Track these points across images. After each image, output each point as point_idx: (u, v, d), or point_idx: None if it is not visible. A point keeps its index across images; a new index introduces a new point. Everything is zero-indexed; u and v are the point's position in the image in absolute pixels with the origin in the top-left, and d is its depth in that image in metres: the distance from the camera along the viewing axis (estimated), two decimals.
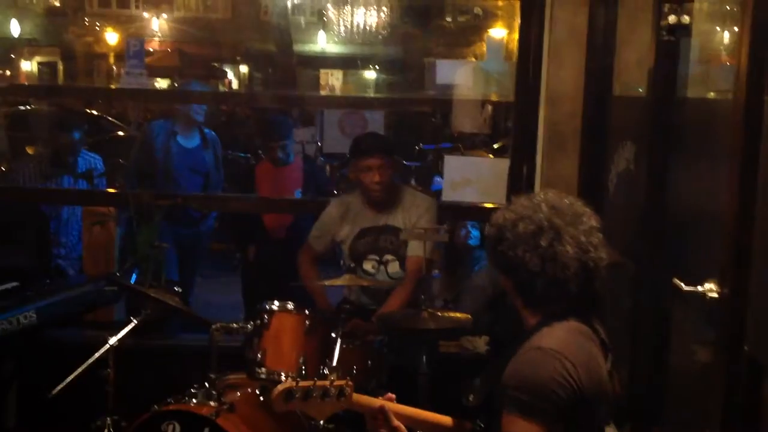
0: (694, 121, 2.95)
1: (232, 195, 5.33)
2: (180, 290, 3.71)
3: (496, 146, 7.15)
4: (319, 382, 2.06)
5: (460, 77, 4.43)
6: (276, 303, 3.24)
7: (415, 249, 3.84)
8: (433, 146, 9.25)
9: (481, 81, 4.43)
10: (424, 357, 3.34)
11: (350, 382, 2.12)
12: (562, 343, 2.02)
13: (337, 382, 2.08)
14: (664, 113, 3.00)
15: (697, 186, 2.81)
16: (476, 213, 4.49)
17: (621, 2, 3.52)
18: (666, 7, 2.72)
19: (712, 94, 3.10)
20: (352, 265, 3.91)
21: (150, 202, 4.40)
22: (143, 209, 4.67)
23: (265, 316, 3.21)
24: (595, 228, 2.11)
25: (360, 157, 3.89)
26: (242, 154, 8.32)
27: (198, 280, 5.73)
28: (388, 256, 3.92)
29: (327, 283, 3.62)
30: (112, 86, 6.47)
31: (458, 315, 3.50)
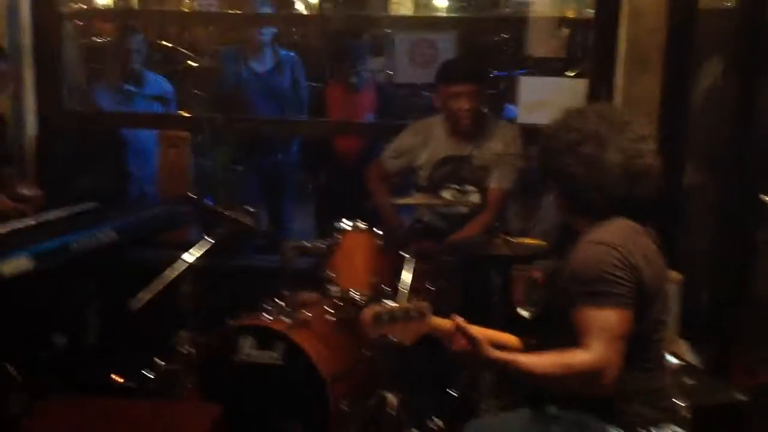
0: None
1: (304, 119, 5.27)
2: (254, 211, 3.71)
3: (571, 74, 6.90)
4: (402, 304, 2.09)
5: None
6: (348, 222, 3.23)
7: (498, 180, 3.76)
8: (506, 73, 9.01)
9: None
10: (498, 282, 3.31)
11: (427, 303, 2.12)
12: (614, 236, 2.07)
13: (416, 303, 2.10)
14: (754, 25, 2.85)
15: None
16: None
17: None
18: None
19: None
20: (427, 184, 3.83)
21: (224, 126, 4.40)
22: (217, 133, 4.69)
23: (338, 235, 3.21)
24: (645, 137, 2.14)
25: (448, 83, 3.72)
26: (314, 83, 8.26)
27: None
28: (469, 187, 3.82)
29: (400, 201, 3.56)
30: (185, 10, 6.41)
31: (533, 241, 3.44)
